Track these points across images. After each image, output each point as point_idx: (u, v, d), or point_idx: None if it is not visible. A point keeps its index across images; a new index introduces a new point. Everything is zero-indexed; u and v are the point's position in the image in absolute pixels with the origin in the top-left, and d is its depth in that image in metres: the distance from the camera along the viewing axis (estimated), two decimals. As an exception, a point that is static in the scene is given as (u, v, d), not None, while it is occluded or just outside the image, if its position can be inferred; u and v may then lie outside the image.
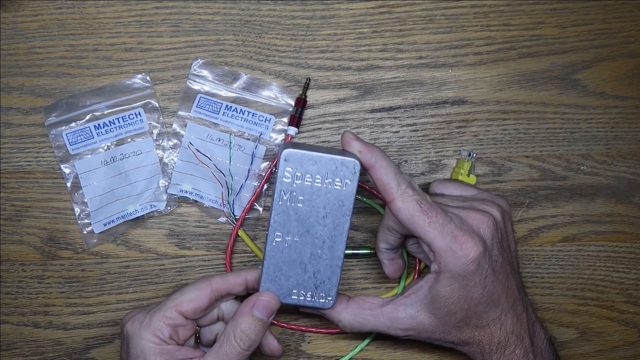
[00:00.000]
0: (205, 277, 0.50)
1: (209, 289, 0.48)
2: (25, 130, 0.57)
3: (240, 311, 0.48)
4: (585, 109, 0.59)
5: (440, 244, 0.46)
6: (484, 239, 0.47)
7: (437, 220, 0.46)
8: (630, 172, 0.59)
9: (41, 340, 0.57)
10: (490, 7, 0.58)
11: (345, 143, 0.48)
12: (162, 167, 0.57)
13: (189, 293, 0.48)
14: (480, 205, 0.49)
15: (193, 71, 0.57)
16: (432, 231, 0.46)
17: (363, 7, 0.57)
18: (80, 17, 0.56)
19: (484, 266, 0.46)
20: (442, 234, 0.46)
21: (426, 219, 0.46)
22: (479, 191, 0.53)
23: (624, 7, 0.58)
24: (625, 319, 0.59)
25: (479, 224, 0.47)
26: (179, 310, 0.47)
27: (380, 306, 0.50)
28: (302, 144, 0.50)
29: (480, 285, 0.46)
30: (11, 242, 0.57)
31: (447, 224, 0.46)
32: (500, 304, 0.48)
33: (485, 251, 0.46)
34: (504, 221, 0.50)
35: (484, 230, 0.47)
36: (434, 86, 0.58)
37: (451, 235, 0.46)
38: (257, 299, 0.48)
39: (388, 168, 0.46)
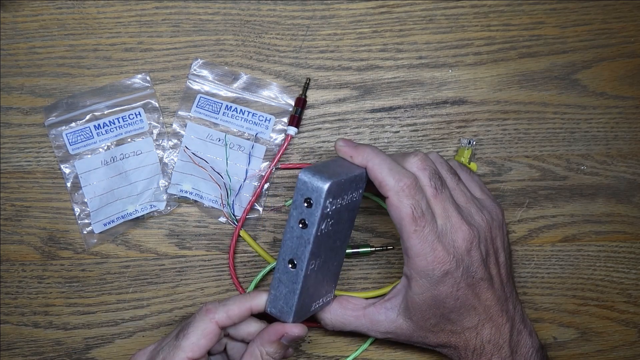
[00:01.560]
0: (207, 311, 0.47)
1: (215, 329, 0.47)
2: (25, 130, 0.57)
3: (269, 337, 0.47)
4: (585, 109, 0.59)
5: (416, 251, 0.46)
6: (461, 255, 0.47)
7: (423, 231, 0.46)
8: (630, 172, 0.59)
9: (41, 340, 0.57)
10: (490, 7, 0.58)
11: (338, 152, 0.48)
12: (162, 167, 0.57)
13: (195, 336, 0.46)
14: (475, 214, 0.49)
15: (193, 71, 0.57)
16: (414, 239, 0.46)
17: (363, 7, 0.57)
18: (80, 17, 0.56)
19: (456, 279, 0.47)
20: (422, 242, 0.46)
21: (413, 227, 0.46)
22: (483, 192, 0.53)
23: (624, 7, 0.58)
24: (625, 319, 0.59)
25: (462, 240, 0.47)
26: (190, 358, 0.46)
27: (362, 308, 0.51)
28: (319, 167, 0.46)
29: (452, 297, 0.47)
30: (11, 242, 0.57)
31: (430, 234, 0.46)
32: (477, 314, 0.48)
33: (458, 266, 0.47)
34: (492, 237, 0.49)
35: (465, 246, 0.47)
36: (434, 86, 0.58)
37: (430, 247, 0.46)
38: (288, 331, 0.47)
39: (382, 164, 0.46)
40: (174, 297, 0.57)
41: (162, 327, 0.57)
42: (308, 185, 0.44)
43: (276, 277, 0.47)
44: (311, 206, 0.44)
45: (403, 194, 0.45)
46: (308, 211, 0.44)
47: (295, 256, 0.46)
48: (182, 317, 0.57)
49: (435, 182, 0.47)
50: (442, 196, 0.47)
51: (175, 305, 0.57)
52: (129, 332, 0.57)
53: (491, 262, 0.49)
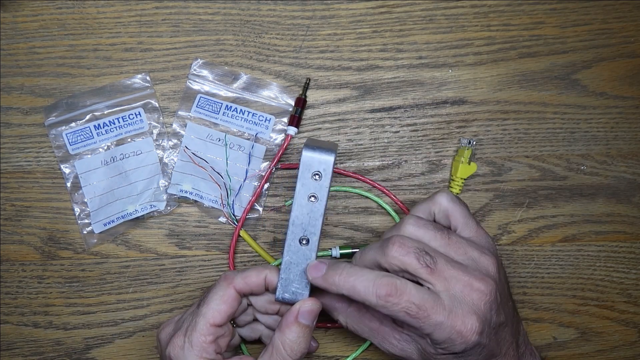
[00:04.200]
0: (225, 278, 0.48)
1: (233, 293, 0.48)
2: (25, 130, 0.57)
3: (286, 322, 0.47)
4: (585, 109, 0.59)
5: (437, 337, 0.45)
6: (484, 316, 0.45)
7: (429, 319, 0.44)
8: (630, 172, 0.59)
9: (41, 340, 0.57)
10: (490, 7, 0.58)
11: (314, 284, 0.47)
12: (162, 167, 0.57)
13: (215, 302, 0.47)
14: (479, 259, 0.47)
15: (193, 71, 0.57)
16: (426, 328, 0.45)
17: (363, 7, 0.57)
18: (80, 17, 0.57)
19: (483, 342, 0.45)
20: (436, 328, 0.44)
21: (418, 322, 0.44)
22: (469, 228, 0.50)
23: (624, 7, 0.58)
24: (625, 319, 0.59)
25: (479, 301, 0.45)
26: (213, 324, 0.47)
27: (379, 321, 0.50)
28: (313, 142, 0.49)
29: (476, 354, 0.46)
30: (11, 242, 0.57)
31: (438, 316, 0.44)
32: (494, 356, 0.47)
33: (484, 329, 0.45)
34: (499, 275, 0.48)
35: (484, 305, 0.45)
36: (434, 86, 0.58)
37: (448, 327, 0.44)
38: (300, 307, 0.47)
39: (356, 286, 0.45)
40: (174, 297, 0.57)
41: (162, 327, 0.57)
42: (315, 159, 0.47)
43: (285, 260, 0.48)
44: (320, 179, 0.47)
45: (389, 304, 0.44)
46: (317, 184, 0.47)
47: (307, 232, 0.48)
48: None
49: (425, 259, 0.45)
50: (438, 267, 0.45)
51: (175, 305, 0.57)
52: (129, 332, 0.57)
53: (504, 302, 0.48)
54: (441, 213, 0.50)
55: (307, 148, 0.47)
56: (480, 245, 0.49)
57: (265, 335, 0.53)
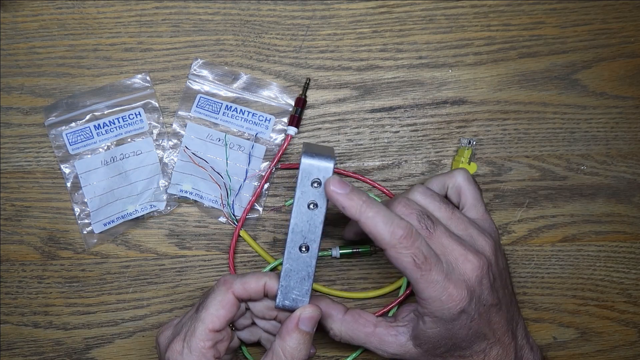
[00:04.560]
0: (224, 282, 0.48)
1: (232, 299, 0.47)
2: (25, 130, 0.57)
3: (287, 329, 0.47)
4: (585, 109, 0.59)
5: (428, 294, 0.45)
6: (473, 288, 0.46)
7: (430, 275, 0.45)
8: (630, 172, 0.59)
9: (41, 340, 0.57)
10: (490, 7, 0.58)
11: (329, 196, 0.46)
12: (162, 167, 0.57)
13: (214, 307, 0.47)
14: (477, 238, 0.48)
15: (193, 71, 0.57)
16: (422, 283, 0.45)
17: (363, 7, 0.57)
18: (80, 17, 0.57)
19: (470, 312, 0.46)
20: (431, 286, 0.45)
21: (419, 273, 0.45)
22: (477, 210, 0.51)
23: (624, 7, 0.58)
24: (625, 319, 0.59)
25: (471, 272, 0.46)
26: (212, 330, 0.46)
27: (373, 325, 0.50)
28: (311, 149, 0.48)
29: (465, 328, 0.47)
30: (11, 242, 0.57)
31: (438, 276, 0.45)
32: (486, 338, 0.48)
33: (472, 299, 0.46)
34: (496, 258, 0.48)
35: (475, 278, 0.46)
36: (434, 86, 0.58)
37: (441, 288, 0.45)
38: (301, 313, 0.47)
39: (375, 218, 0.44)
40: (174, 297, 0.57)
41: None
42: (314, 166, 0.46)
43: (285, 268, 0.47)
44: (320, 186, 0.46)
45: (400, 246, 0.44)
46: (317, 192, 0.46)
47: (307, 240, 0.47)
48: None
49: (425, 222, 0.46)
50: (437, 233, 0.46)
51: (175, 305, 0.57)
52: (129, 332, 0.57)
53: (498, 285, 0.48)
54: (454, 188, 0.51)
55: (305, 155, 0.46)
56: (482, 227, 0.50)
57: (264, 339, 0.53)
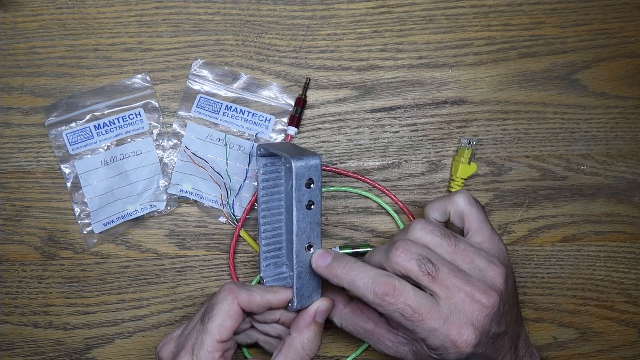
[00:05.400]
0: (230, 291, 0.47)
1: (238, 309, 0.47)
2: (25, 130, 0.57)
3: (304, 322, 0.48)
4: (585, 109, 0.59)
5: (431, 343, 0.45)
6: (483, 328, 0.45)
7: (424, 324, 0.44)
8: (630, 172, 0.59)
9: (41, 340, 0.57)
10: (490, 7, 0.58)
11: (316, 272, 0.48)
12: (162, 167, 0.57)
13: (221, 318, 0.47)
14: (486, 269, 0.46)
15: (193, 71, 0.57)
16: (420, 333, 0.45)
17: (363, 7, 0.57)
18: (80, 17, 0.56)
19: (478, 351, 0.45)
20: (431, 333, 0.44)
21: (412, 325, 0.44)
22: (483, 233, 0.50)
23: (624, 7, 0.58)
24: (625, 319, 0.59)
25: (479, 312, 0.45)
26: (219, 340, 0.46)
27: (374, 323, 0.50)
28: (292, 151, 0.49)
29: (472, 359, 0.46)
30: (11, 242, 0.57)
31: (434, 322, 0.44)
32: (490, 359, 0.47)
33: (481, 340, 0.45)
34: (506, 286, 0.47)
35: (485, 318, 0.45)
36: (434, 86, 0.58)
37: (442, 335, 0.44)
38: (318, 307, 0.49)
39: (355, 281, 0.45)
40: (174, 297, 0.57)
41: (162, 327, 0.57)
42: (305, 168, 0.47)
43: (297, 271, 0.48)
44: (313, 184, 0.47)
45: (385, 302, 0.44)
46: (311, 191, 0.47)
47: (310, 238, 0.48)
48: (182, 317, 0.57)
49: (427, 267, 0.45)
50: (440, 276, 0.45)
51: (175, 305, 0.57)
52: (129, 332, 0.57)
53: (507, 311, 0.47)
54: (456, 214, 0.50)
55: (295, 159, 0.46)
56: (490, 253, 0.48)
57: (262, 340, 0.53)
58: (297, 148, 0.49)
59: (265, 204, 0.51)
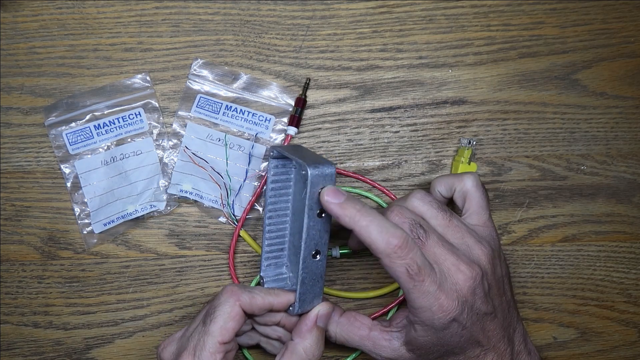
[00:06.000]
0: (232, 293, 0.48)
1: (240, 311, 0.47)
2: (25, 130, 0.57)
3: (306, 327, 0.48)
4: (585, 109, 0.59)
5: (419, 304, 0.45)
6: (465, 298, 0.46)
7: (423, 285, 0.45)
8: (630, 172, 0.59)
9: (41, 340, 0.57)
10: (490, 7, 0.58)
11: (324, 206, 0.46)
12: (162, 167, 0.57)
13: (223, 320, 0.47)
14: (473, 247, 0.48)
15: (193, 71, 0.57)
16: (414, 293, 0.45)
17: (363, 7, 0.57)
18: (80, 17, 0.57)
19: (461, 321, 0.46)
20: (423, 296, 0.45)
21: (412, 284, 0.45)
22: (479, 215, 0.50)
23: (624, 7, 0.58)
24: (625, 319, 0.59)
25: (464, 282, 0.46)
26: (222, 342, 0.46)
27: (368, 329, 0.50)
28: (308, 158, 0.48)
29: (457, 335, 0.47)
30: (11, 242, 0.57)
31: (431, 286, 0.45)
32: (480, 345, 0.48)
33: (463, 309, 0.46)
34: (493, 267, 0.48)
35: (468, 288, 0.46)
36: (434, 86, 0.58)
37: (433, 298, 0.45)
38: (319, 311, 0.49)
39: (369, 227, 0.44)
40: (174, 297, 0.57)
41: (162, 327, 0.57)
42: (320, 177, 0.46)
43: (302, 276, 0.48)
44: None
45: (395, 255, 0.44)
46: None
47: (317, 246, 0.48)
48: (182, 317, 0.57)
49: (417, 231, 0.46)
50: (430, 243, 0.46)
51: (175, 305, 0.57)
52: (129, 332, 0.57)
53: (494, 294, 0.48)
54: (461, 192, 0.51)
55: (311, 167, 0.45)
56: (481, 235, 0.49)
57: (263, 342, 0.53)
58: (312, 154, 0.49)
59: (273, 205, 0.51)
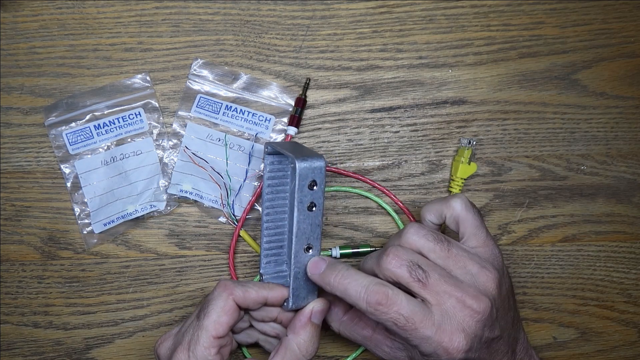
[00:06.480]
0: (225, 287, 0.48)
1: (234, 305, 0.47)
2: (25, 130, 0.57)
3: (300, 323, 0.48)
4: (585, 109, 0.59)
5: (424, 350, 0.45)
6: (474, 334, 0.45)
7: (417, 332, 0.44)
8: (630, 172, 0.59)
9: (41, 340, 0.57)
10: (490, 7, 0.58)
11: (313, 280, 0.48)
12: (162, 167, 0.57)
13: (216, 314, 0.47)
14: (478, 274, 0.46)
15: (193, 71, 0.57)
16: (413, 340, 0.44)
17: (363, 7, 0.57)
18: (80, 17, 0.57)
19: (470, 356, 0.45)
20: (422, 341, 0.44)
21: (405, 333, 0.44)
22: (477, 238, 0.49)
23: (624, 7, 0.58)
24: (625, 319, 0.59)
25: (470, 319, 0.45)
26: (215, 336, 0.47)
27: (372, 330, 0.50)
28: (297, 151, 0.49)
29: None
30: (11, 242, 0.57)
31: (427, 330, 0.44)
32: None
33: (473, 344, 0.45)
34: (499, 290, 0.47)
35: (476, 324, 0.45)
36: (434, 86, 0.58)
37: (434, 342, 0.44)
38: (313, 307, 0.49)
39: (348, 289, 0.45)
40: (174, 297, 0.57)
41: (162, 327, 0.57)
42: (309, 169, 0.46)
43: (294, 272, 0.48)
44: (315, 186, 0.47)
45: (378, 312, 0.44)
46: (314, 193, 0.47)
47: (310, 240, 0.48)
48: (182, 317, 0.57)
49: (417, 273, 0.45)
50: (431, 282, 0.45)
51: (175, 305, 0.57)
52: (129, 332, 0.57)
53: (501, 316, 0.47)
54: (452, 218, 0.49)
55: (299, 160, 0.46)
56: (483, 258, 0.48)
57: (262, 340, 0.53)
58: (305, 149, 0.49)
59: (270, 201, 0.51)
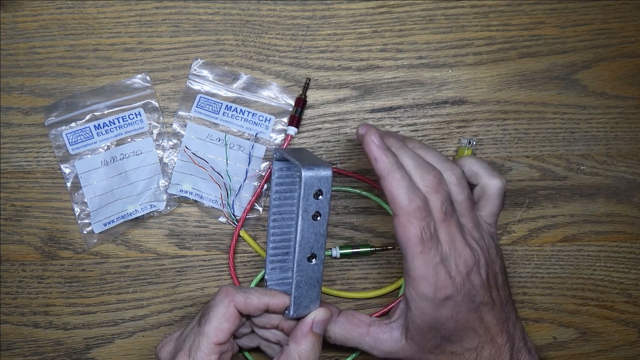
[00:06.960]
0: (227, 293, 0.48)
1: (235, 311, 0.47)
2: (25, 130, 0.57)
3: (302, 332, 0.48)
4: (585, 109, 0.59)
5: (419, 273, 0.45)
6: (462, 279, 0.46)
7: (429, 253, 0.45)
8: (630, 172, 0.59)
9: (41, 340, 0.57)
10: (490, 7, 0.58)
11: (364, 145, 0.46)
12: (162, 167, 0.57)
13: (217, 320, 0.47)
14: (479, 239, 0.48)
15: (193, 71, 0.57)
16: (419, 260, 0.45)
17: (363, 7, 0.57)
18: (80, 17, 0.57)
19: (456, 303, 0.46)
20: (426, 265, 0.45)
21: (420, 248, 0.45)
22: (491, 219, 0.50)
23: (624, 7, 0.58)
24: (625, 319, 0.59)
25: (464, 264, 0.46)
26: (216, 343, 0.46)
27: (367, 325, 0.50)
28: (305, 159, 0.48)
29: (452, 320, 0.46)
30: (11, 242, 0.57)
31: (435, 257, 0.45)
32: (477, 336, 0.48)
33: (459, 291, 0.46)
34: (491, 260, 0.48)
35: (465, 270, 0.46)
36: (434, 86, 0.58)
37: (434, 270, 0.45)
38: (315, 317, 0.48)
39: (401, 181, 0.44)
40: (174, 297, 0.57)
41: (162, 327, 0.57)
42: (315, 178, 0.46)
43: (297, 280, 0.48)
44: (321, 195, 0.46)
45: (414, 215, 0.44)
46: (319, 202, 0.46)
47: (314, 249, 0.47)
48: (182, 317, 0.57)
49: (447, 207, 0.46)
50: (450, 221, 0.46)
51: (175, 305, 0.57)
52: (129, 332, 0.57)
53: (492, 286, 0.48)
54: (482, 189, 0.50)
55: (305, 169, 0.45)
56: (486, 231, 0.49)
57: (263, 345, 0.53)
58: (313, 157, 0.49)
59: (277, 207, 0.51)
